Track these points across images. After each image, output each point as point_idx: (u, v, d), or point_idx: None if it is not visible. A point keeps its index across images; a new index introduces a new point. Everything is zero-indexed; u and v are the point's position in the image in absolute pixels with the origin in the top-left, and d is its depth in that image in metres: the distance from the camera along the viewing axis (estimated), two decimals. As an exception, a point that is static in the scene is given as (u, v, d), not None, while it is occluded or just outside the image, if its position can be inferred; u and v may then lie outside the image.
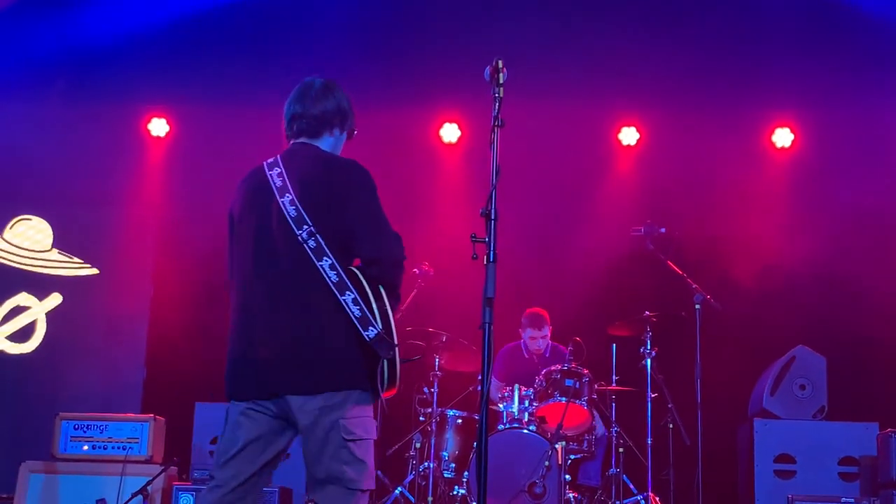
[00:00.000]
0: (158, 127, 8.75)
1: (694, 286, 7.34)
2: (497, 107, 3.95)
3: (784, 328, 8.09)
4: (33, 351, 8.36)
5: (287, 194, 3.94)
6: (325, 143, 4.13)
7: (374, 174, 8.66)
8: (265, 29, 8.30)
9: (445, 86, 8.28)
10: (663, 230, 7.51)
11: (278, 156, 4.08)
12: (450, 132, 8.75)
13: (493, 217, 3.88)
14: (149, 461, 6.89)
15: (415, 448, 7.23)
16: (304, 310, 3.80)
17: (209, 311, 8.44)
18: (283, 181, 3.98)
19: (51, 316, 8.44)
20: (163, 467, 6.77)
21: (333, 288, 3.76)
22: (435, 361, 7.32)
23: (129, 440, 6.94)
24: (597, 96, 8.33)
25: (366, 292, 3.79)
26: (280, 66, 8.33)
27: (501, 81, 3.96)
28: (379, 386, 3.78)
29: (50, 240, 8.54)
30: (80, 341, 8.41)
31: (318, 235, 3.82)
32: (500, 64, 3.96)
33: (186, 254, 8.54)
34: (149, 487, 6.62)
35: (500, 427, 6.95)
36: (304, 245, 3.82)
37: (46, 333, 8.38)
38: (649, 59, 8.20)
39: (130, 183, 8.70)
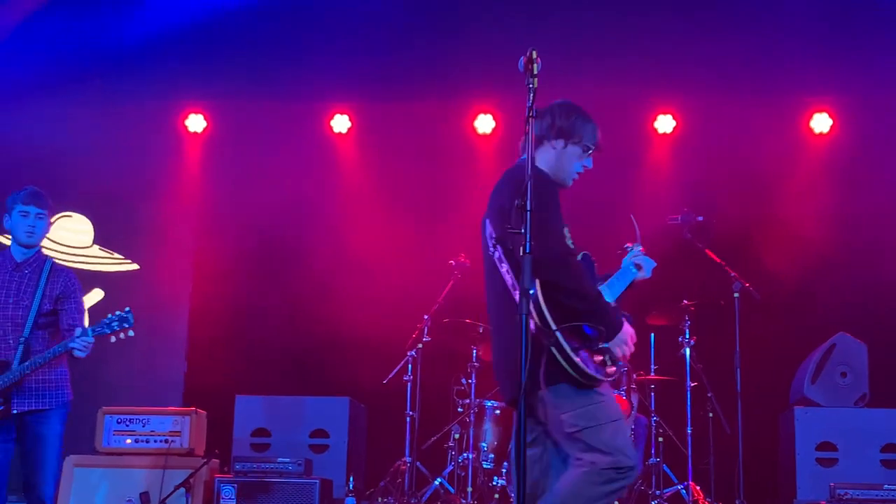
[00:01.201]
0: (195, 123, 8.81)
1: (732, 274, 7.29)
2: (532, 97, 3.95)
3: (824, 315, 8.02)
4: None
5: (486, 212, 4.32)
6: (541, 155, 4.36)
7: (410, 166, 8.74)
8: (300, 24, 8.33)
9: (480, 77, 8.27)
10: (701, 218, 7.46)
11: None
12: (484, 123, 8.75)
13: (528, 208, 3.87)
14: (190, 454, 6.95)
15: (453, 439, 7.25)
16: (498, 320, 4.18)
17: (248, 305, 8.52)
18: (489, 199, 4.33)
19: (93, 311, 8.52)
20: (204, 460, 6.83)
21: (510, 290, 4.07)
22: (472, 352, 7.33)
23: (170, 433, 7.01)
24: (632, 84, 8.29)
25: (534, 290, 3.95)
26: (314, 60, 8.38)
27: (536, 72, 3.95)
28: (578, 376, 3.93)
29: (91, 236, 8.64)
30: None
31: (498, 246, 4.14)
32: (535, 54, 3.95)
33: (225, 248, 8.61)
34: (191, 480, 6.67)
35: (539, 417, 6.93)
36: (493, 256, 4.17)
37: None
38: (685, 46, 8.15)
39: (169, 179, 8.77)
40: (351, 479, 6.99)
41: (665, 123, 8.66)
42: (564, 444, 4.04)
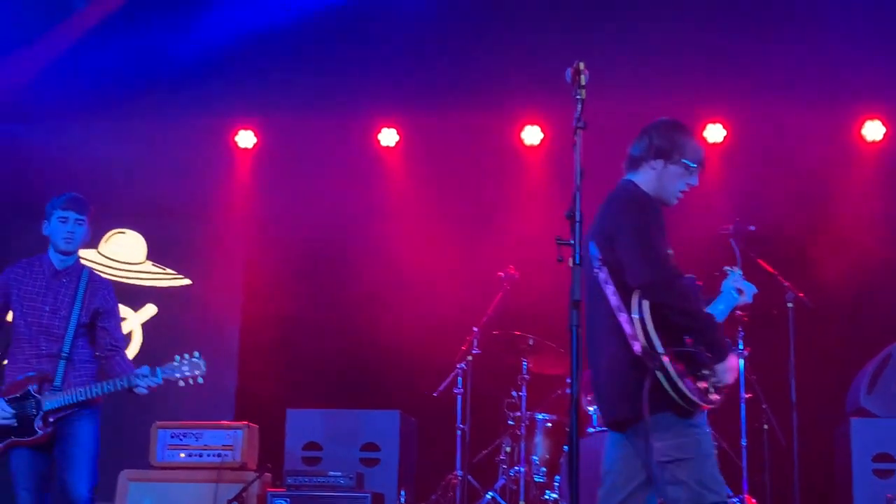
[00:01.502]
0: (246, 139, 8.88)
1: (785, 284, 7.21)
2: (579, 108, 3.93)
3: (880, 324, 7.90)
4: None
5: (591, 233, 4.23)
6: (641, 176, 4.32)
7: (457, 179, 8.72)
8: (347, 40, 8.37)
9: (527, 88, 8.26)
10: (753, 228, 7.38)
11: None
12: (532, 134, 8.74)
13: (577, 219, 3.85)
14: (243, 468, 6.98)
15: (505, 452, 7.22)
16: (600, 341, 4.12)
17: (298, 319, 8.56)
18: (594, 221, 4.28)
19: (146, 326, 8.62)
20: (257, 474, 6.86)
21: (615, 312, 4.03)
22: (522, 365, 7.30)
23: (223, 447, 7.05)
24: (682, 93, 8.23)
25: (633, 313, 3.96)
26: (362, 75, 8.42)
27: (583, 83, 3.94)
28: (682, 402, 3.90)
29: (144, 252, 8.73)
30: (174, 351, 8.50)
31: (604, 267, 4.10)
32: (582, 66, 3.94)
33: (275, 262, 8.67)
34: (244, 494, 6.71)
35: (591, 430, 6.90)
36: (597, 277, 4.14)
37: (142, 343, 8.56)
38: (733, 54, 8.09)
39: (220, 194, 8.84)
40: (402, 492, 6.99)
41: (715, 133, 8.59)
42: (655, 473, 4.03)
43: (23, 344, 5.61)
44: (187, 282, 8.68)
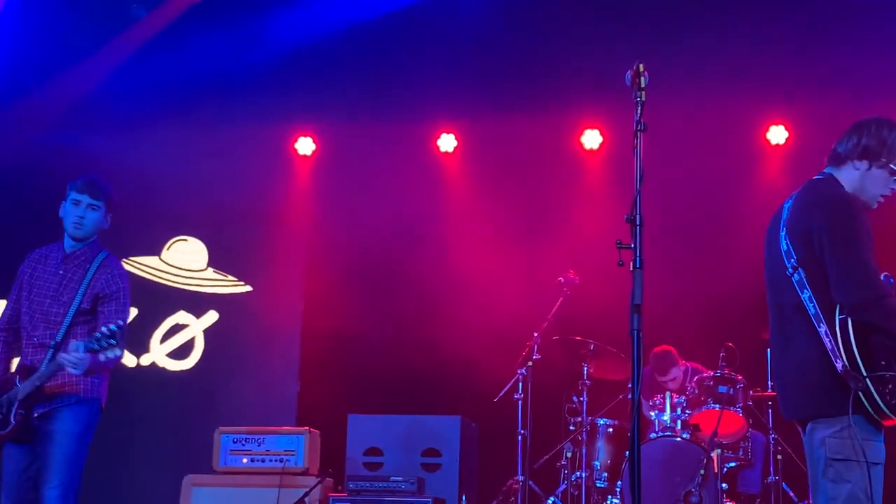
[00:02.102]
0: (305, 146, 8.94)
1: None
2: (639, 111, 3.90)
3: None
4: (192, 367, 8.64)
5: (785, 227, 4.13)
6: (844, 174, 4.17)
7: (516, 184, 8.70)
8: (405, 45, 8.40)
9: (586, 92, 8.23)
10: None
11: (803, 187, 4.21)
12: (591, 138, 8.70)
13: (638, 222, 3.82)
14: (305, 473, 7.01)
15: (566, 457, 7.18)
16: (790, 340, 4.04)
17: (358, 324, 8.58)
18: (789, 213, 4.15)
19: (208, 333, 8.70)
20: (319, 479, 6.89)
21: (813, 320, 3.95)
22: (583, 370, 7.26)
23: (285, 452, 7.07)
24: (743, 95, 8.15)
25: (835, 327, 3.89)
26: (420, 81, 8.43)
27: (643, 85, 3.90)
28: (874, 413, 3.87)
29: (205, 259, 8.82)
30: (235, 356, 8.66)
31: (800, 269, 4.00)
32: (642, 68, 3.91)
33: (335, 268, 8.71)
34: (306, 499, 6.73)
35: (653, 436, 6.84)
36: (791, 278, 4.03)
37: (204, 350, 8.65)
38: (797, 54, 7.99)
39: (280, 201, 8.91)
40: (463, 498, 6.97)
41: (778, 134, 8.49)
42: (818, 468, 3.98)
43: (22, 333, 5.32)
44: (248, 288, 8.75)
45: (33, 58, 8.16)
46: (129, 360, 8.66)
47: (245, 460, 7.12)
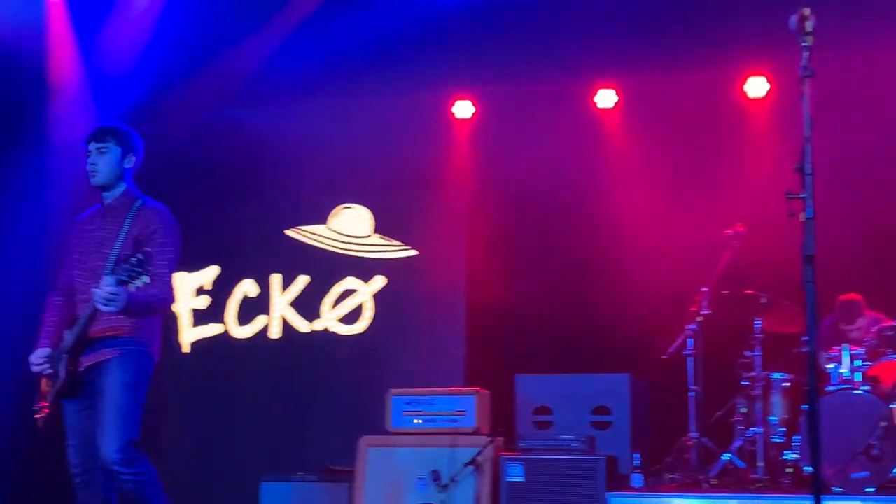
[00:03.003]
0: (463, 109, 8.98)
1: None
2: (806, 56, 3.78)
3: None
4: (363, 331, 8.83)
5: None
6: None
7: (678, 136, 8.54)
8: (560, 2, 8.30)
9: (750, 38, 7.99)
10: None
11: None
12: (756, 86, 8.46)
13: (808, 171, 3.72)
14: (476, 433, 7.10)
15: (740, 413, 7.07)
16: None
17: (523, 285, 8.61)
18: None
19: (376, 297, 8.87)
20: (490, 439, 6.96)
21: None
22: (755, 324, 7.12)
23: (456, 413, 7.18)
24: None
25: None
26: (576, 38, 8.33)
27: (809, 30, 3.78)
28: None
29: (371, 225, 8.97)
30: (404, 320, 8.80)
31: None
32: (807, 11, 3.78)
33: (497, 229, 8.75)
34: (478, 458, 6.82)
35: (830, 389, 6.66)
36: None
37: (373, 314, 8.82)
38: None
39: (441, 166, 8.97)
40: (636, 455, 6.94)
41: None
42: None
43: (76, 293, 5.21)
44: (413, 252, 8.86)
45: (201, 35, 8.40)
46: (302, 325, 8.92)
47: (417, 421, 7.26)
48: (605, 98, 8.73)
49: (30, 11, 8.13)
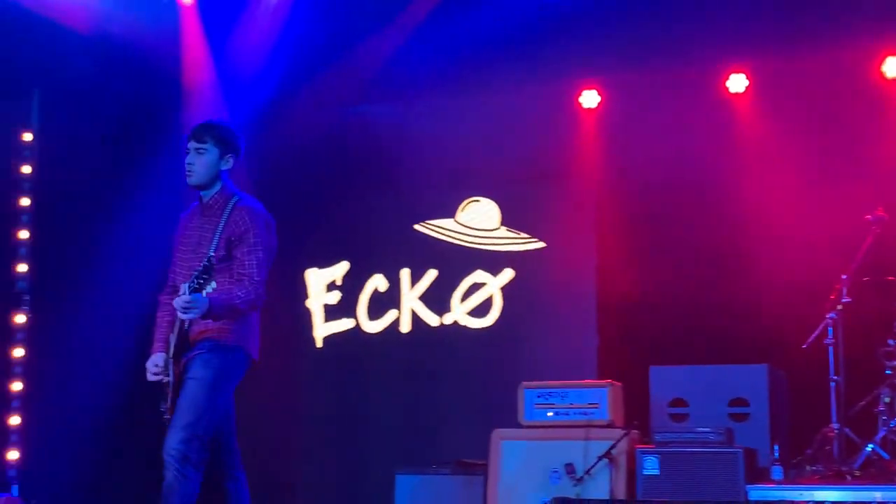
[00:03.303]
0: (589, 99, 8.89)
1: None
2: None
3: None
4: (492, 324, 8.82)
5: None
6: None
7: (813, 120, 8.30)
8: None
9: (886, 16, 7.73)
10: None
11: None
12: (894, 66, 8.18)
13: None
14: (610, 426, 7.04)
15: (884, 403, 6.87)
16: None
17: (655, 275, 8.48)
18: None
19: (505, 290, 8.85)
20: (624, 431, 6.89)
21: None
22: (899, 312, 6.90)
23: (589, 405, 7.13)
24: None
25: None
26: (704, 23, 8.18)
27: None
28: None
29: (498, 218, 8.96)
30: (533, 313, 8.77)
31: None
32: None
33: (627, 220, 8.63)
34: (613, 451, 6.76)
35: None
36: None
37: (503, 307, 8.80)
38: None
39: (567, 157, 8.89)
40: (775, 447, 6.79)
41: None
42: None
43: (178, 289, 5.23)
44: (541, 244, 8.82)
45: (328, 34, 8.51)
46: (431, 319, 8.96)
47: (550, 414, 7.24)
48: (736, 82, 8.54)
49: (164, 17, 8.34)
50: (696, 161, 8.42)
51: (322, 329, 9.24)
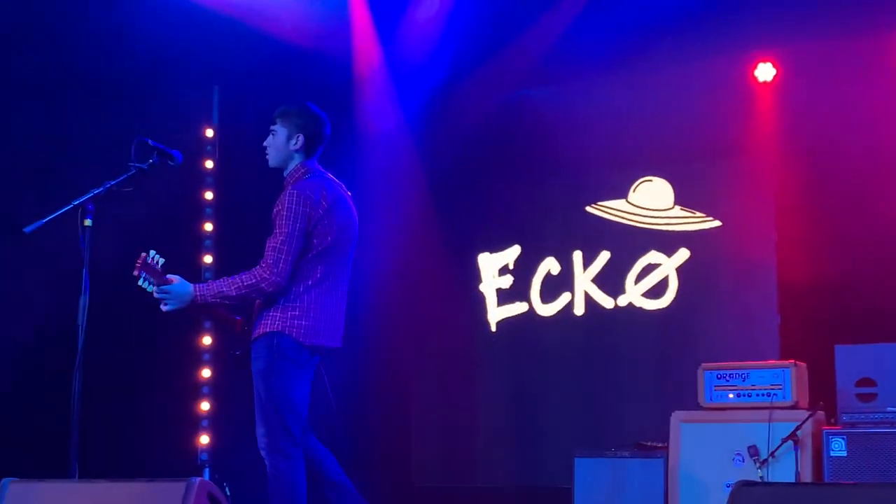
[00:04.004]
0: (765, 72, 8.64)
1: None
2: None
3: None
4: (668, 305, 8.70)
5: None
6: None
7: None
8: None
9: None
10: None
11: None
12: None
13: None
14: (794, 407, 6.85)
15: None
16: None
17: (836, 255, 8.19)
18: None
19: (680, 270, 8.71)
20: (809, 412, 6.70)
21: None
22: None
23: (772, 387, 6.95)
24: None
25: None
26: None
27: None
28: None
29: (671, 198, 8.81)
30: (710, 292, 8.61)
31: None
32: None
33: (807, 196, 8.35)
34: (798, 433, 6.58)
35: None
36: None
37: (678, 287, 8.66)
38: None
39: (742, 133, 8.66)
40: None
41: None
42: None
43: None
44: (717, 223, 8.64)
45: (495, 17, 8.53)
46: (606, 301, 8.89)
47: (731, 396, 7.09)
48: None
49: (333, 7, 8.50)
50: (880, 136, 8.09)
51: (495, 313, 9.28)
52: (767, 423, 6.72)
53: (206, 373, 8.81)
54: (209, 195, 9.02)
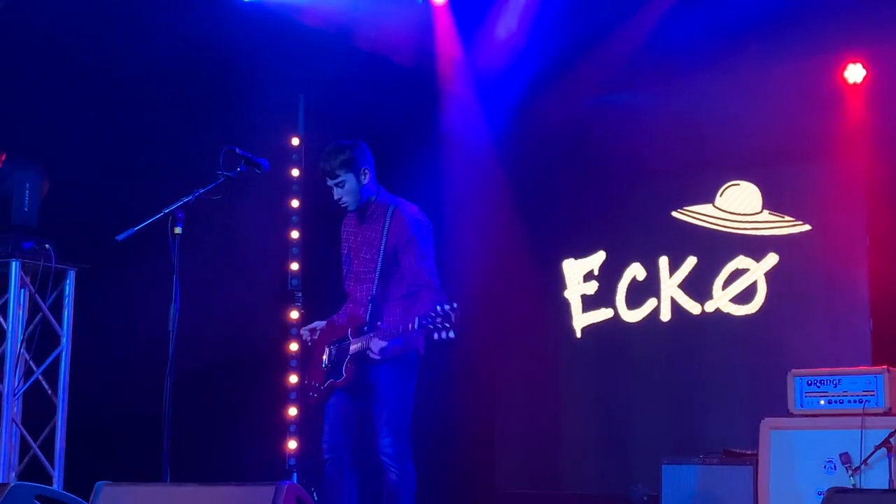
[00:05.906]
0: (854, 73, 8.48)
1: None
2: None
3: None
4: (756, 311, 8.57)
5: None
6: None
7: None
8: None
9: None
10: None
11: None
12: None
13: None
14: (887, 413, 6.69)
15: None
16: None
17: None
18: None
19: (769, 275, 8.59)
20: (904, 420, 6.55)
21: None
22: None
23: (864, 393, 6.80)
24: None
25: None
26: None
27: None
28: None
29: (759, 202, 8.69)
30: (800, 298, 8.47)
31: None
32: None
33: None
34: (892, 440, 6.43)
35: None
36: None
37: (767, 293, 8.54)
38: None
39: (832, 135, 8.51)
40: None
41: None
42: None
43: (345, 289, 5.89)
44: (807, 227, 8.50)
45: (580, 22, 8.51)
46: (693, 307, 8.80)
47: (822, 402, 6.95)
48: None
49: (417, 18, 8.56)
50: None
51: (580, 319, 9.24)
52: (860, 430, 6.58)
53: (293, 378, 8.92)
54: (295, 203, 9.13)
